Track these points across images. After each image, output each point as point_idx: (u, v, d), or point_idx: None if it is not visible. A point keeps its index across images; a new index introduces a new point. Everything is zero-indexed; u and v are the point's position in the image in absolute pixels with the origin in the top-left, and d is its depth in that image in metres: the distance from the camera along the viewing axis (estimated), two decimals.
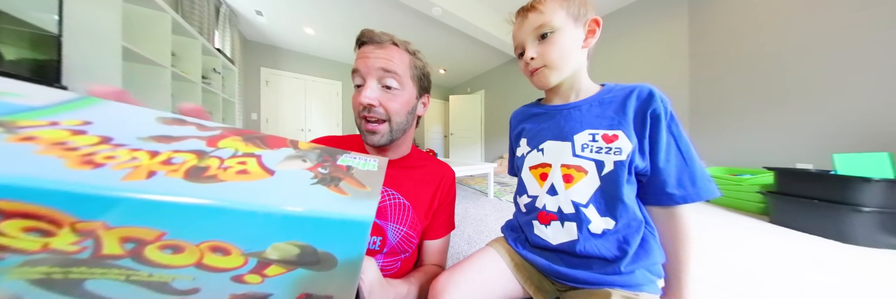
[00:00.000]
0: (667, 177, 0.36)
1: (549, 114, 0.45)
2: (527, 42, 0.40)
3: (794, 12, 1.73)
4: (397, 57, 0.40)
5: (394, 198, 0.44)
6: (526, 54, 0.40)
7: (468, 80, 5.45)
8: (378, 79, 0.39)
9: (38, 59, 0.68)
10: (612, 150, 0.37)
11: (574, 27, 0.39)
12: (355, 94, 0.40)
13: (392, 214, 0.43)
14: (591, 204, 0.37)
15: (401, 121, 0.42)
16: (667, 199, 0.36)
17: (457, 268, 0.40)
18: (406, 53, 0.42)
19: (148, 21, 1.18)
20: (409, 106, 0.43)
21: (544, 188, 0.41)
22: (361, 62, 0.40)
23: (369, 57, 0.39)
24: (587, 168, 0.38)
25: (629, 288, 0.35)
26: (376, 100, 0.39)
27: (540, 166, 0.42)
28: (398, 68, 0.40)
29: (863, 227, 1.08)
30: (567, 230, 0.38)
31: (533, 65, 0.40)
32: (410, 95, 0.43)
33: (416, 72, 0.44)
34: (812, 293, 0.75)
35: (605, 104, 0.40)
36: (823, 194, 1.20)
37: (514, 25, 0.43)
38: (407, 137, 0.48)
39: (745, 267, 0.89)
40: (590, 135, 0.38)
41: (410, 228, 0.44)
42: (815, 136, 1.64)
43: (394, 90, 0.40)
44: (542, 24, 0.38)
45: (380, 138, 0.41)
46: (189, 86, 1.45)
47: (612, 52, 2.80)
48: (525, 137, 0.47)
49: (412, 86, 0.43)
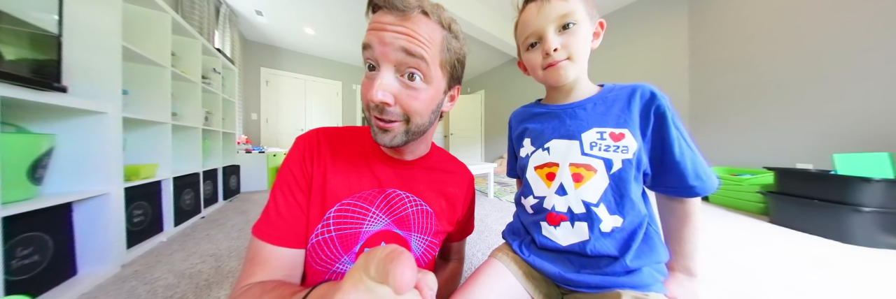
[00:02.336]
0: (685, 169, 0.36)
1: (553, 113, 0.43)
2: (547, 30, 0.36)
3: (794, 12, 1.73)
4: (426, 33, 0.28)
5: (416, 204, 0.40)
6: (547, 44, 0.36)
7: (468, 80, 5.44)
8: (396, 65, 0.29)
9: (37, 59, 0.68)
10: (619, 149, 0.36)
11: (589, 25, 0.38)
12: (366, 84, 0.30)
13: (415, 223, 0.39)
14: (601, 203, 0.37)
15: (422, 123, 0.33)
16: (688, 191, 0.36)
17: (467, 292, 0.38)
18: (439, 28, 0.30)
19: (148, 21, 1.17)
20: (434, 104, 0.33)
21: (552, 188, 0.40)
22: (374, 35, 0.28)
23: (387, 29, 0.27)
24: (596, 167, 0.37)
25: (638, 288, 0.35)
26: (392, 96, 0.29)
27: (546, 166, 0.41)
28: (427, 52, 0.28)
29: (863, 227, 1.07)
30: (577, 230, 0.38)
31: (556, 56, 0.36)
32: (437, 90, 0.32)
33: (449, 56, 0.32)
34: (812, 293, 0.75)
35: (608, 103, 0.39)
36: (823, 194, 1.19)
37: (527, 11, 0.38)
38: (427, 136, 0.40)
39: (745, 267, 0.89)
40: (598, 133, 0.38)
41: (434, 236, 0.41)
42: (815, 136, 1.64)
43: (417, 84, 0.30)
44: (568, 12, 0.35)
45: (392, 139, 0.32)
46: (189, 87, 1.45)
47: (612, 52, 2.80)
48: (529, 137, 0.45)
49: (442, 76, 0.32)
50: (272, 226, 0.33)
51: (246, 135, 3.19)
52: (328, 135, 0.39)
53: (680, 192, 0.38)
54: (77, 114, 0.79)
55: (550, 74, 0.39)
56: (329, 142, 0.39)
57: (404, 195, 0.39)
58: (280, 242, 0.32)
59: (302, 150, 0.37)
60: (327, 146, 0.38)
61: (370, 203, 0.37)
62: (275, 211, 0.34)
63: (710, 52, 2.16)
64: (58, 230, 0.75)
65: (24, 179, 0.65)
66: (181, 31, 1.40)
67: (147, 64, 1.13)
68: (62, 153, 0.78)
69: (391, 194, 0.38)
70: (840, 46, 1.56)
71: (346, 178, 0.37)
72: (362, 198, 0.37)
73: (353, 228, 0.35)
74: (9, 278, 0.62)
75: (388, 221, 0.38)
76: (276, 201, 0.34)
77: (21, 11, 0.64)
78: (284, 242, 0.32)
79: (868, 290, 0.76)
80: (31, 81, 0.62)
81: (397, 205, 0.38)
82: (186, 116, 1.44)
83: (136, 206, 1.03)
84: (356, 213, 0.36)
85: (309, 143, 0.37)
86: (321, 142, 0.38)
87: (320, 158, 0.37)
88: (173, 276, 0.84)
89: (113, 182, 0.85)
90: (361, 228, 0.36)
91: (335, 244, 0.34)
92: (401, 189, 0.39)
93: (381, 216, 0.37)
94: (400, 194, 0.39)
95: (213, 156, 1.80)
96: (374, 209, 0.37)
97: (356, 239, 0.35)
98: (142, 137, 1.17)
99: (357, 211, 0.36)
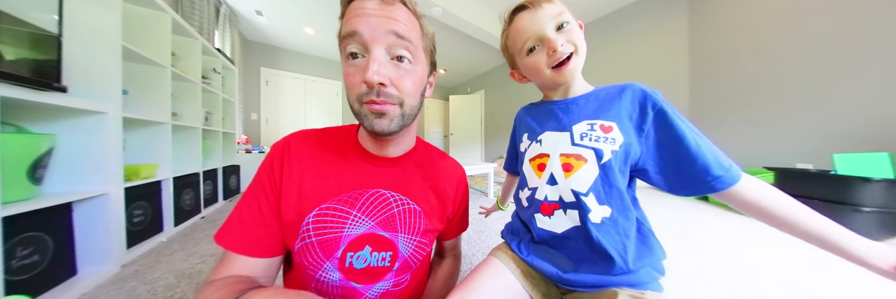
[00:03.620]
0: (706, 160, 0.33)
1: (549, 109, 0.46)
2: (546, 31, 0.37)
3: (794, 12, 1.73)
4: (407, 19, 0.30)
5: (402, 203, 0.38)
6: (553, 42, 0.37)
7: (468, 80, 5.44)
8: (387, 48, 0.29)
9: (37, 59, 0.68)
10: (608, 140, 0.37)
11: (576, 25, 0.40)
12: (349, 70, 0.30)
13: (402, 224, 0.38)
14: (591, 192, 0.37)
15: (414, 105, 0.33)
16: (719, 183, 0.32)
17: (466, 291, 0.38)
18: (413, 16, 0.32)
19: (148, 21, 1.17)
20: (421, 86, 0.34)
21: (543, 178, 0.40)
22: (360, 21, 0.28)
23: (374, 14, 0.28)
24: (586, 156, 0.38)
25: (634, 286, 0.35)
26: (388, 77, 0.29)
27: (538, 157, 0.42)
28: (412, 34, 0.30)
29: (863, 227, 1.07)
30: (570, 216, 0.38)
31: (563, 50, 0.37)
32: (423, 73, 0.34)
33: (426, 42, 0.34)
34: (812, 293, 0.75)
35: (600, 99, 0.41)
36: (823, 194, 1.19)
37: (520, 20, 0.40)
38: (414, 126, 0.39)
39: (745, 267, 0.89)
40: (588, 124, 0.39)
41: (423, 236, 0.39)
42: (815, 136, 1.64)
43: (406, 66, 0.31)
44: (560, 12, 0.38)
45: (390, 123, 0.31)
46: (189, 87, 1.45)
47: (612, 53, 2.79)
48: (526, 132, 0.48)
49: (425, 59, 0.34)
50: (232, 233, 0.33)
51: (246, 135, 3.19)
52: (304, 139, 0.38)
53: (708, 187, 0.33)
54: (77, 114, 0.79)
55: (561, 71, 0.39)
56: (304, 146, 0.37)
57: (389, 194, 0.37)
58: (239, 250, 0.32)
59: (271, 158, 0.36)
60: (301, 150, 0.37)
61: (351, 205, 0.35)
62: (238, 220, 0.33)
63: (710, 52, 2.16)
64: (58, 230, 0.75)
65: (24, 179, 0.65)
66: (181, 31, 1.40)
67: (147, 64, 1.13)
68: (62, 153, 0.78)
69: (375, 195, 0.37)
70: (840, 46, 1.56)
71: (324, 182, 0.36)
72: (343, 201, 0.35)
73: (334, 233, 0.34)
74: (9, 278, 0.62)
75: (372, 224, 0.36)
76: (240, 210, 0.34)
77: (21, 11, 0.64)
78: (243, 250, 0.32)
79: (868, 290, 0.76)
80: (31, 81, 0.62)
81: (382, 205, 0.37)
82: (186, 116, 1.43)
83: (136, 206, 1.03)
84: (336, 218, 0.34)
85: (278, 151, 0.36)
86: (292, 147, 0.37)
87: (291, 164, 0.35)
88: (173, 276, 0.84)
89: (113, 182, 0.85)
90: (342, 232, 0.34)
91: (316, 250, 0.34)
92: (385, 188, 0.38)
93: (363, 219, 0.36)
94: (384, 194, 0.37)
95: (213, 156, 1.80)
96: (356, 212, 0.35)
97: (337, 244, 0.34)
98: (142, 137, 1.17)
99: (337, 215, 0.34)
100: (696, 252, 1.01)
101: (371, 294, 0.37)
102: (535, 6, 0.39)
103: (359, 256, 0.35)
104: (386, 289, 0.38)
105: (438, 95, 5.85)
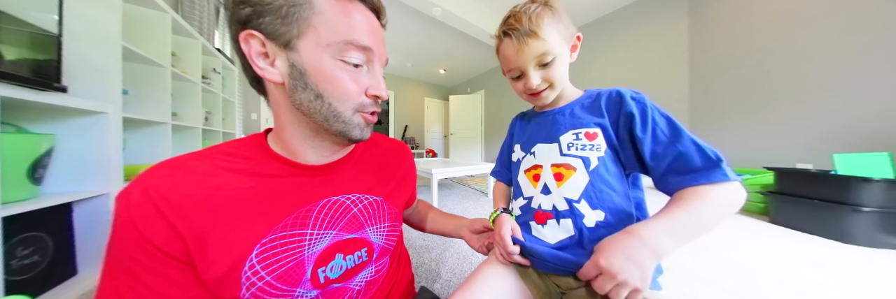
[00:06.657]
0: (690, 155, 0.32)
1: (538, 119, 0.48)
2: (528, 69, 0.40)
3: (794, 13, 1.73)
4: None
5: (360, 200, 0.37)
6: (528, 81, 0.41)
7: (468, 80, 5.45)
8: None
9: (37, 59, 0.68)
10: (594, 147, 0.39)
11: (566, 49, 0.41)
12: (343, 75, 0.29)
13: (367, 218, 0.37)
14: (582, 198, 0.38)
15: None
16: (701, 177, 0.31)
17: (467, 291, 0.39)
18: None
19: (148, 21, 1.17)
20: None
21: (538, 188, 0.42)
22: (379, 39, 0.32)
23: (380, 33, 0.33)
24: (575, 165, 0.39)
25: None
26: None
27: (533, 168, 0.44)
28: None
29: (863, 227, 1.08)
30: (564, 227, 0.39)
31: (537, 88, 0.41)
32: None
33: None
34: (811, 293, 0.75)
35: (585, 107, 0.43)
36: (823, 194, 1.20)
37: (506, 47, 0.41)
38: None
39: (745, 267, 0.89)
40: (574, 134, 0.41)
41: (391, 221, 0.40)
42: (815, 136, 1.64)
43: None
44: (546, 52, 0.38)
45: (371, 130, 0.35)
46: (189, 87, 1.45)
47: (611, 53, 2.80)
48: (518, 142, 0.50)
49: None
50: None
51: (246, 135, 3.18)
52: (179, 176, 0.27)
53: (695, 178, 0.32)
54: (77, 114, 0.79)
55: (536, 100, 0.45)
56: (187, 184, 0.27)
57: (343, 198, 0.35)
58: None
59: (132, 224, 0.25)
60: (185, 191, 0.26)
61: (302, 226, 0.31)
62: None
63: (710, 53, 2.16)
64: (58, 230, 0.75)
65: (24, 179, 0.65)
66: (181, 31, 1.40)
67: (147, 64, 1.13)
68: (62, 153, 0.78)
69: (326, 204, 0.34)
70: (840, 46, 1.56)
71: (250, 220, 0.28)
72: (289, 225, 0.30)
73: (293, 260, 0.30)
74: (9, 278, 0.62)
75: (335, 232, 0.34)
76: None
77: (21, 11, 0.64)
78: None
79: (868, 290, 0.76)
80: (31, 81, 0.62)
81: (339, 212, 0.35)
82: (186, 116, 1.43)
83: None
84: (288, 244, 0.30)
85: (141, 209, 0.25)
86: (166, 194, 0.25)
87: (182, 215, 0.25)
88: None
89: (113, 182, 0.85)
90: (303, 255, 0.31)
91: (275, 287, 0.28)
92: (337, 194, 0.35)
93: (322, 232, 0.32)
94: (338, 200, 0.35)
95: None
96: (311, 230, 0.32)
97: (302, 268, 0.30)
98: (142, 137, 1.17)
99: (288, 241, 0.30)
100: (695, 252, 1.01)
101: (355, 286, 0.37)
102: (519, 40, 0.38)
103: (332, 267, 0.33)
104: (369, 278, 0.39)
105: (438, 95, 5.85)
